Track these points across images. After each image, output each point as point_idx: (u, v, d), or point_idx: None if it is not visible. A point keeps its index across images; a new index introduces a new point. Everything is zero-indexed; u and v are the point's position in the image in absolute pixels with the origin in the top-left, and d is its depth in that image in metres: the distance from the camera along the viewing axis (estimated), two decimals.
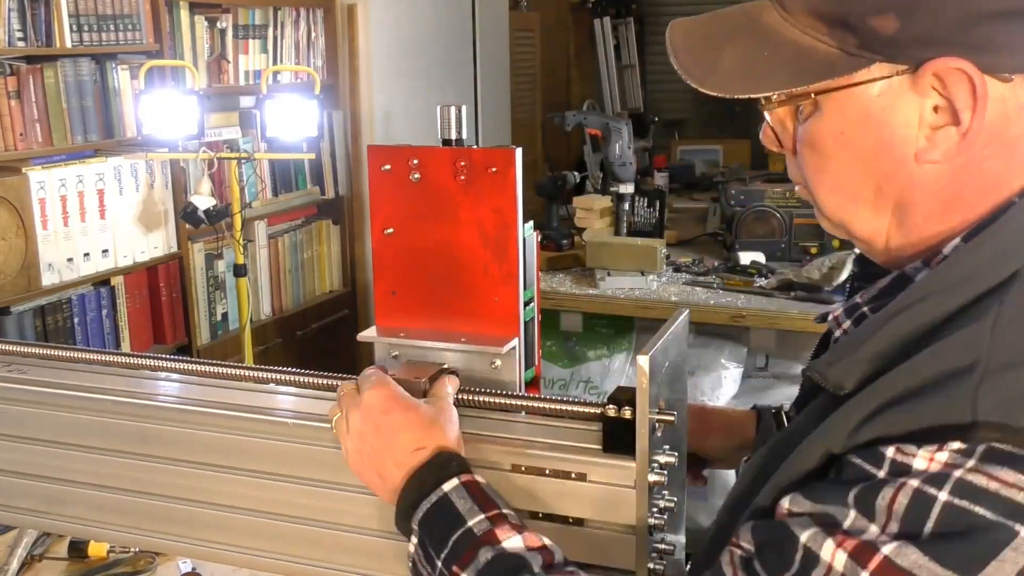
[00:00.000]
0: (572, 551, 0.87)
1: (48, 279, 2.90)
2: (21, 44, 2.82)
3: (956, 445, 0.63)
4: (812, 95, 0.74)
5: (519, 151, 0.98)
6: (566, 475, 0.86)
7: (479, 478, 0.83)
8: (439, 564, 0.79)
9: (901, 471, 0.65)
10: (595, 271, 3.07)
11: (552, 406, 0.91)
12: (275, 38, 3.78)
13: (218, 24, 3.51)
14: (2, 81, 2.77)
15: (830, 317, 0.83)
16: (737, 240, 3.18)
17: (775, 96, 0.75)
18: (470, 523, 0.79)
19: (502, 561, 0.76)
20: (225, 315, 3.61)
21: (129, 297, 3.22)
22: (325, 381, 1.00)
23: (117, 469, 1.04)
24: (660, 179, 4.35)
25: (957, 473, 0.63)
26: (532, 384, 1.04)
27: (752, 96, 0.76)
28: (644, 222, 3.35)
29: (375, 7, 4.16)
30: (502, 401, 0.93)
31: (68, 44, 2.93)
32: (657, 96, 6.28)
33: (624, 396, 0.84)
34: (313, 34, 3.95)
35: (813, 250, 3.07)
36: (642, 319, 3.01)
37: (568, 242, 3.38)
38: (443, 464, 0.83)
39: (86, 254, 3.03)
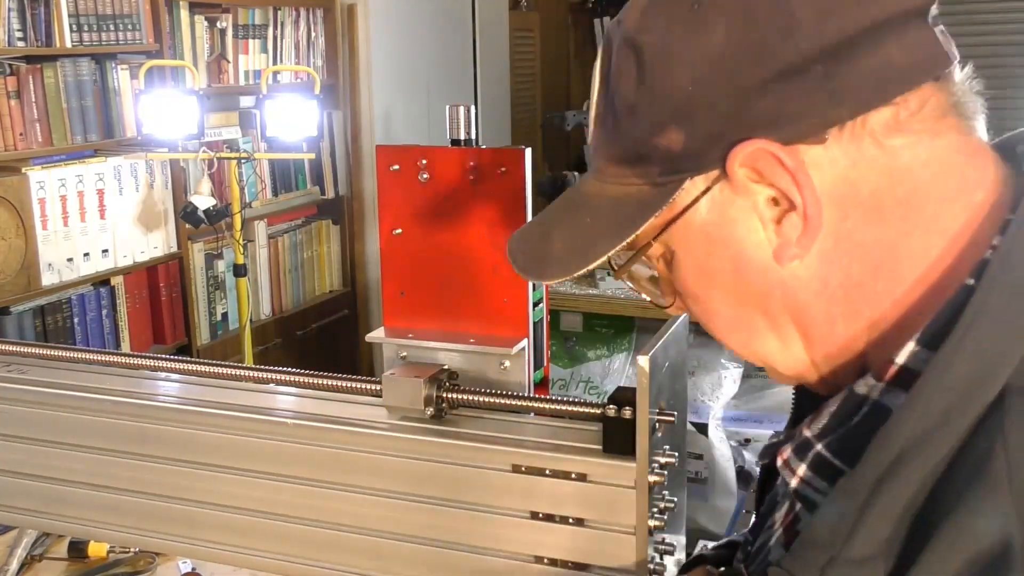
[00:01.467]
0: (572, 551, 0.87)
1: (48, 279, 2.90)
2: (21, 44, 2.82)
3: None
4: (651, 242, 0.67)
5: (528, 151, 0.98)
6: (566, 475, 0.86)
7: None
8: None
9: None
10: (595, 271, 3.07)
11: (552, 406, 0.91)
12: (275, 38, 3.78)
13: (218, 24, 3.51)
14: (2, 81, 2.77)
15: (779, 461, 0.68)
16: None
17: (612, 258, 0.68)
18: None
19: None
20: (225, 315, 3.61)
21: (129, 297, 3.22)
22: (325, 381, 1.00)
23: (117, 469, 1.04)
24: None
25: None
26: (541, 385, 1.04)
27: (592, 268, 0.69)
28: None
29: (375, 7, 4.16)
30: (501, 401, 0.93)
31: (68, 44, 2.93)
32: None
33: (624, 396, 0.84)
34: (313, 34, 3.95)
35: None
36: (642, 319, 3.01)
37: None
38: None
39: (86, 254, 3.03)
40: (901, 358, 0.60)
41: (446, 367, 0.97)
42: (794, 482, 0.66)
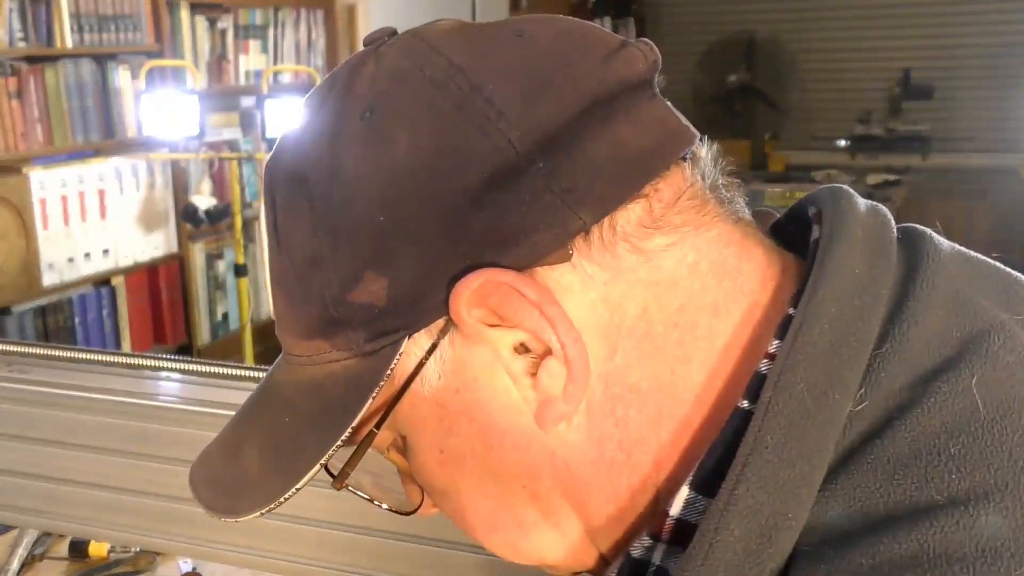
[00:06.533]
0: None
1: (49, 279, 2.90)
2: (22, 44, 2.82)
3: None
4: (374, 430, 0.49)
5: None
6: None
7: None
8: None
9: None
10: None
11: None
12: (275, 38, 3.78)
13: (218, 24, 3.52)
14: (3, 81, 2.78)
15: None
16: None
17: (328, 464, 0.50)
18: None
19: None
20: (225, 315, 3.61)
21: (130, 297, 3.22)
22: None
23: (117, 469, 1.04)
24: None
25: None
26: None
27: (301, 485, 0.51)
28: None
29: (375, 7, 4.16)
30: None
31: (69, 44, 2.94)
32: None
33: None
34: (313, 34, 3.95)
35: None
36: None
37: None
38: None
39: (87, 254, 3.03)
40: (675, 509, 0.45)
41: None
42: None
